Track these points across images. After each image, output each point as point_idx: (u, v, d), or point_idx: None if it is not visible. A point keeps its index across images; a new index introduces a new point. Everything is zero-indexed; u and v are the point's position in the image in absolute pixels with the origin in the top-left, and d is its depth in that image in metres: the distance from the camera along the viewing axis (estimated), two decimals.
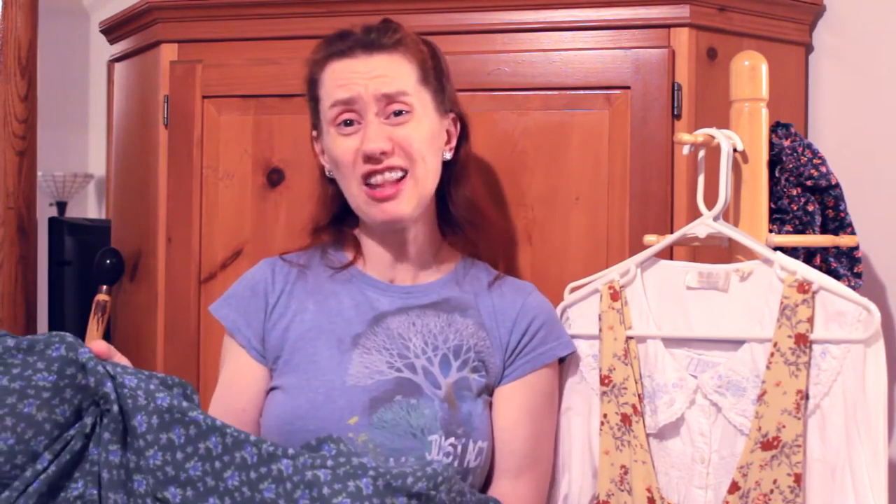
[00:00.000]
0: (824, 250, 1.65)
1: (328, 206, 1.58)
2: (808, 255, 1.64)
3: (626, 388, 1.49)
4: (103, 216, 3.95)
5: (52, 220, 2.74)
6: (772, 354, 1.39)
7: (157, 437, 1.22)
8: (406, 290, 1.54)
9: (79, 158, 4.06)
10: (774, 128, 1.63)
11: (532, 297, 1.56)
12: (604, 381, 1.52)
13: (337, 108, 1.49)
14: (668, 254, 1.63)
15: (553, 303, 1.58)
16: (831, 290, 1.38)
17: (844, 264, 1.65)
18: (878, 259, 1.82)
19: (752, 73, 1.51)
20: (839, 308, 1.36)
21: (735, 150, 1.50)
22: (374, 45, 1.49)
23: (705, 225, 1.49)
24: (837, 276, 1.61)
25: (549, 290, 1.60)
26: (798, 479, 1.36)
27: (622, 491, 1.49)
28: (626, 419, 1.49)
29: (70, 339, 1.25)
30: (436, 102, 1.52)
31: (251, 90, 1.88)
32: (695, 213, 1.53)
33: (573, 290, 1.59)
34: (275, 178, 1.87)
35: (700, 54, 1.75)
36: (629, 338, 1.51)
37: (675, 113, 1.72)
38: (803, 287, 1.38)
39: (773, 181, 1.61)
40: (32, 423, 1.21)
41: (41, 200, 2.70)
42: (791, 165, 1.63)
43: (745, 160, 1.52)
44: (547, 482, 1.54)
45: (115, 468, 1.22)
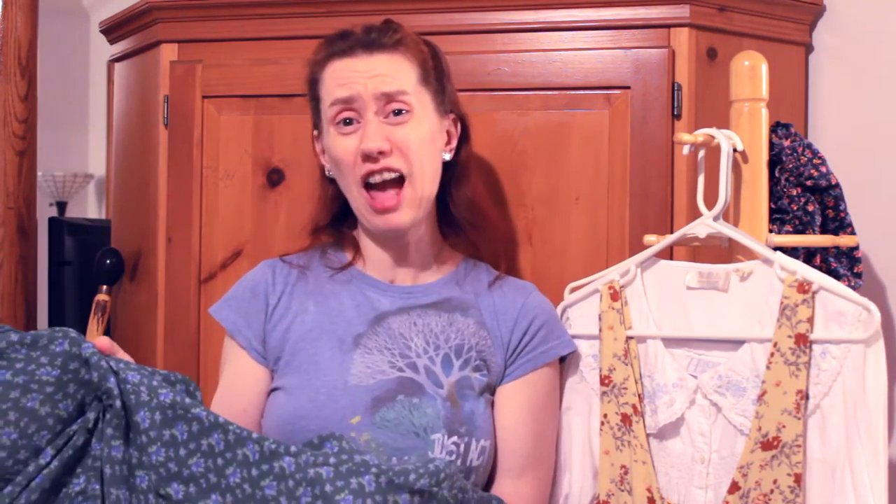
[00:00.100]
0: (824, 250, 1.64)
1: (328, 206, 1.58)
2: (808, 255, 1.64)
3: (626, 388, 1.49)
4: (103, 216, 3.95)
5: (52, 220, 2.74)
6: (772, 354, 1.39)
7: (160, 433, 1.22)
8: (407, 290, 1.54)
9: (79, 158, 4.05)
10: (774, 128, 1.63)
11: (533, 297, 1.56)
12: (604, 381, 1.52)
13: (336, 107, 1.49)
14: (668, 254, 1.63)
15: (553, 303, 1.58)
16: (831, 290, 1.38)
17: (844, 264, 1.65)
18: (878, 259, 1.82)
19: (752, 73, 1.51)
20: (839, 308, 1.36)
21: (735, 150, 1.50)
22: (374, 45, 1.49)
23: (705, 225, 1.49)
24: (837, 276, 1.61)
25: (549, 290, 1.60)
26: (798, 479, 1.36)
27: (622, 491, 1.49)
28: (626, 419, 1.49)
29: (73, 334, 1.25)
30: (436, 103, 1.52)
31: (251, 90, 1.88)
32: (695, 213, 1.53)
33: (573, 290, 1.59)
34: (275, 178, 1.87)
35: (700, 54, 1.75)
36: (629, 338, 1.51)
37: (675, 113, 1.72)
38: (803, 287, 1.38)
39: (773, 181, 1.61)
40: (35, 417, 1.21)
41: (41, 200, 2.69)
42: (791, 165, 1.63)
43: (745, 160, 1.52)
44: (549, 481, 1.54)
45: (118, 464, 1.22)
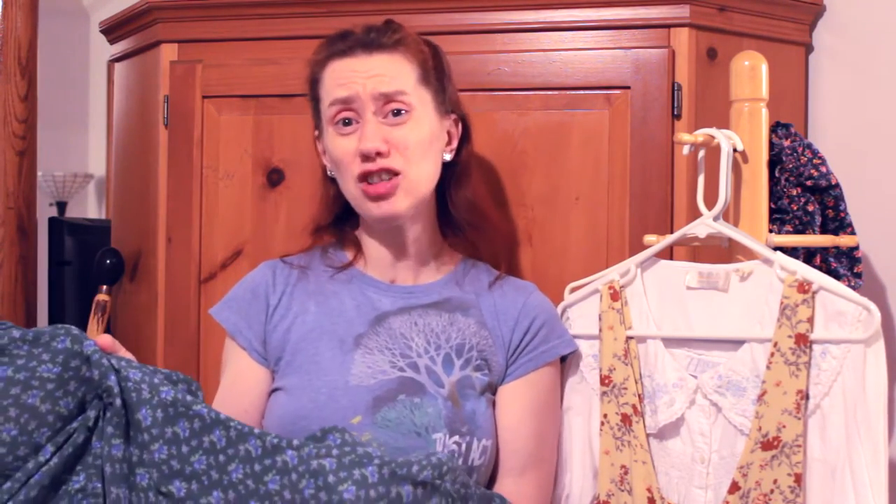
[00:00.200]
0: (824, 250, 1.64)
1: (330, 206, 1.58)
2: (808, 255, 1.64)
3: (626, 388, 1.49)
4: (103, 216, 3.95)
5: (52, 220, 2.74)
6: (772, 354, 1.39)
7: (163, 430, 1.22)
8: (407, 290, 1.54)
9: (79, 158, 4.06)
10: (774, 128, 1.63)
11: (533, 297, 1.56)
12: (604, 381, 1.52)
13: (336, 107, 1.49)
14: (668, 254, 1.63)
15: (553, 302, 1.58)
16: (831, 290, 1.38)
17: (844, 264, 1.65)
18: (878, 259, 1.82)
19: (752, 73, 1.51)
20: (839, 308, 1.36)
21: (735, 150, 1.50)
22: (374, 45, 1.49)
23: (705, 225, 1.49)
24: (837, 276, 1.61)
25: (549, 290, 1.60)
26: (798, 479, 1.36)
27: (622, 491, 1.49)
28: (626, 419, 1.49)
29: (75, 331, 1.25)
30: (436, 103, 1.52)
31: (251, 90, 1.88)
32: (695, 213, 1.53)
33: (573, 290, 1.59)
34: (275, 178, 1.87)
35: (700, 54, 1.74)
36: (629, 338, 1.51)
37: (675, 113, 1.72)
38: (803, 287, 1.38)
39: (773, 181, 1.61)
40: (36, 414, 1.21)
41: (41, 200, 2.69)
42: (791, 165, 1.63)
43: (745, 160, 1.52)
44: (551, 480, 1.54)
45: (118, 462, 1.22)
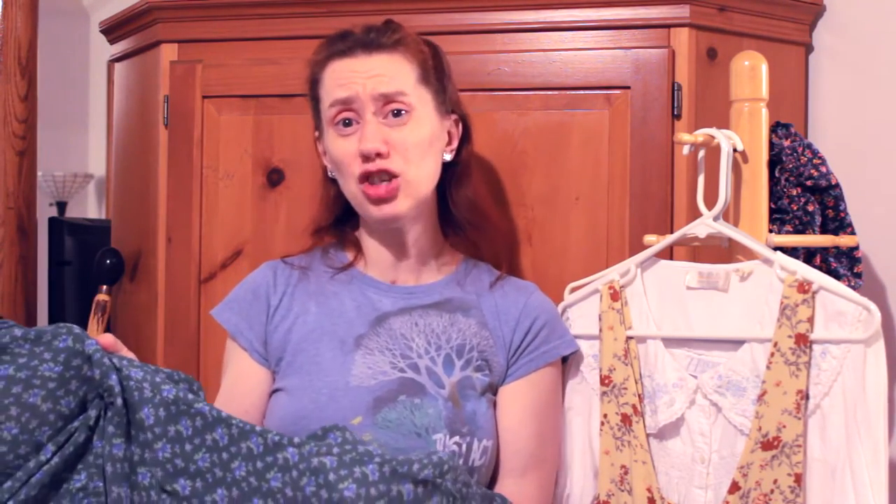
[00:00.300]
0: (824, 250, 1.64)
1: (330, 207, 1.58)
2: (808, 255, 1.64)
3: (626, 389, 1.49)
4: (103, 216, 3.95)
5: (52, 220, 2.74)
6: (772, 354, 1.39)
7: (165, 429, 1.22)
8: (408, 290, 1.54)
9: (79, 158, 4.06)
10: (774, 128, 1.63)
11: (534, 297, 1.56)
12: (604, 381, 1.52)
13: (336, 108, 1.49)
14: (668, 254, 1.63)
15: (554, 302, 1.58)
16: (831, 290, 1.38)
17: (844, 264, 1.65)
18: (878, 259, 1.82)
19: (752, 73, 1.51)
20: (839, 308, 1.36)
21: (735, 150, 1.50)
22: (373, 45, 1.49)
23: (705, 225, 1.49)
24: (837, 276, 1.61)
25: (549, 290, 1.60)
26: (798, 478, 1.36)
27: (622, 491, 1.49)
28: (626, 419, 1.49)
29: (77, 330, 1.25)
30: (436, 102, 1.52)
31: (251, 90, 1.88)
32: (695, 213, 1.53)
33: (573, 290, 1.59)
34: (275, 178, 1.87)
35: (700, 54, 1.74)
36: (629, 338, 1.51)
37: (675, 113, 1.72)
38: (803, 287, 1.38)
39: (773, 181, 1.61)
40: (37, 413, 1.21)
41: (41, 200, 2.69)
42: (791, 165, 1.63)
43: (745, 160, 1.52)
44: (552, 481, 1.54)
45: (119, 461, 1.22)
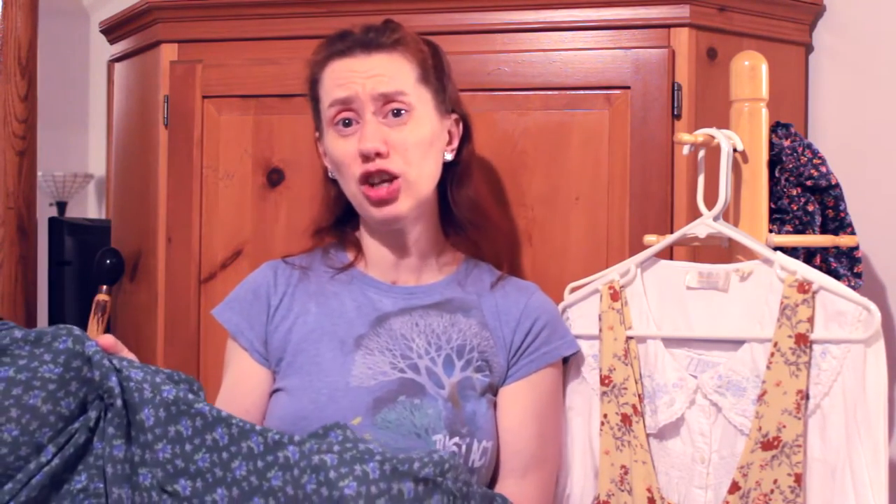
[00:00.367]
0: (824, 250, 1.64)
1: (331, 207, 1.58)
2: (808, 255, 1.64)
3: (626, 389, 1.49)
4: (103, 216, 3.95)
5: (52, 220, 2.75)
6: (772, 354, 1.39)
7: (166, 430, 1.22)
8: (409, 290, 1.54)
9: (79, 158, 4.06)
10: (774, 128, 1.63)
11: (535, 297, 1.56)
12: (604, 381, 1.52)
13: (335, 108, 1.48)
14: (668, 254, 1.63)
15: (555, 303, 1.58)
16: (831, 290, 1.38)
17: (844, 264, 1.65)
18: (878, 259, 1.82)
19: (752, 73, 1.51)
20: (839, 308, 1.36)
21: (735, 150, 1.50)
22: (372, 45, 1.49)
23: (705, 225, 1.49)
24: (837, 276, 1.61)
25: (550, 290, 1.60)
26: (798, 478, 1.36)
27: (622, 491, 1.49)
28: (626, 419, 1.49)
29: (77, 332, 1.25)
30: (436, 102, 1.51)
31: (251, 90, 1.88)
32: (695, 213, 1.53)
33: (573, 290, 1.59)
34: (275, 178, 1.87)
35: (700, 54, 1.74)
36: (629, 338, 1.51)
37: (675, 113, 1.72)
38: (803, 287, 1.38)
39: (773, 181, 1.61)
40: (37, 414, 1.21)
41: (41, 200, 2.69)
42: (791, 165, 1.63)
43: (745, 160, 1.52)
44: (553, 482, 1.54)
45: (119, 462, 1.22)
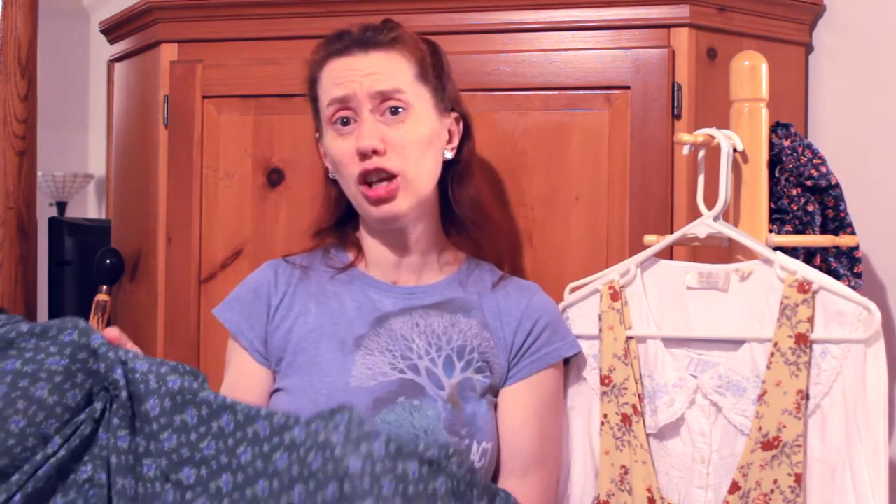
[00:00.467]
0: (824, 250, 1.64)
1: (332, 208, 1.58)
2: (808, 255, 1.64)
3: (626, 389, 1.49)
4: (103, 216, 3.95)
5: (52, 220, 2.75)
6: (772, 354, 1.39)
7: (171, 419, 1.22)
8: (409, 290, 1.54)
9: (79, 158, 4.06)
10: (774, 128, 1.63)
11: (537, 298, 1.55)
12: (604, 381, 1.52)
13: (333, 107, 1.48)
14: (668, 254, 1.63)
15: (556, 303, 1.58)
16: (831, 290, 1.38)
17: (844, 264, 1.65)
18: (878, 259, 1.82)
19: (752, 73, 1.51)
20: (839, 308, 1.36)
21: (735, 150, 1.50)
22: (370, 43, 1.49)
23: (705, 225, 1.49)
24: (837, 276, 1.61)
25: (550, 290, 1.60)
26: (798, 478, 1.36)
27: (622, 491, 1.49)
28: (626, 419, 1.49)
29: (83, 324, 1.27)
30: (435, 100, 1.51)
31: (251, 90, 1.88)
32: (695, 213, 1.53)
33: (573, 290, 1.59)
34: (275, 178, 1.87)
35: (700, 54, 1.74)
36: (629, 338, 1.51)
37: (675, 113, 1.72)
38: (803, 287, 1.38)
39: (773, 181, 1.61)
40: (44, 406, 1.22)
41: (41, 200, 2.69)
42: (791, 165, 1.63)
43: (745, 160, 1.52)
44: (554, 482, 1.54)
45: (124, 453, 1.23)
